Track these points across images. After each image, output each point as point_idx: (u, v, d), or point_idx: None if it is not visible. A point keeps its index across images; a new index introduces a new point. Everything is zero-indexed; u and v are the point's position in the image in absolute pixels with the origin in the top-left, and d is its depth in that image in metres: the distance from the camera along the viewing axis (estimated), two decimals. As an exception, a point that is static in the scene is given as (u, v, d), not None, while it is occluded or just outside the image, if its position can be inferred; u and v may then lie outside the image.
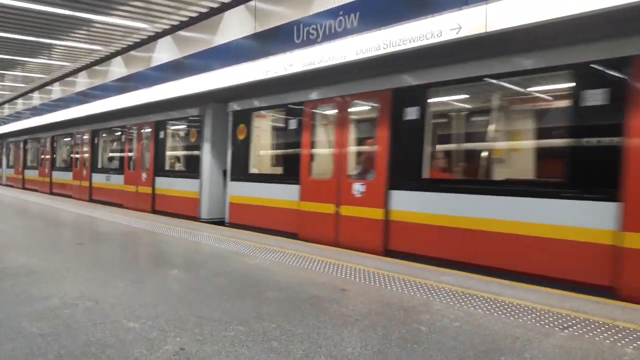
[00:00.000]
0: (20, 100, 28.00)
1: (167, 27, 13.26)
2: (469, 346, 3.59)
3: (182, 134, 12.93)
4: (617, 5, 4.62)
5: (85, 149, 17.54)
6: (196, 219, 11.19)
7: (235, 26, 11.08)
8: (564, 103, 6.01)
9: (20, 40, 15.04)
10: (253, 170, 10.14)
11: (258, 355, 3.33)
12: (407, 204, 7.04)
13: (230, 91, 9.83)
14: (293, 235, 8.67)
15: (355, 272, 5.97)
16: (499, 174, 7.17)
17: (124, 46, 15.68)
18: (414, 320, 4.15)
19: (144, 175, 13.47)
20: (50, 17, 12.64)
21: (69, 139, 19.47)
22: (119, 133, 15.49)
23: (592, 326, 4.09)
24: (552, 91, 6.92)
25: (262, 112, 10.14)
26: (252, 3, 10.66)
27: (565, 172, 5.56)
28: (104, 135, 16.81)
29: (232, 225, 10.25)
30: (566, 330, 3.97)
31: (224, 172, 10.90)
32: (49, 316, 4.03)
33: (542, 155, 6.90)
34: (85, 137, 17.62)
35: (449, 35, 5.94)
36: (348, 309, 4.43)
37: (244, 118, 10.20)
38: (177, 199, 12.00)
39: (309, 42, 7.92)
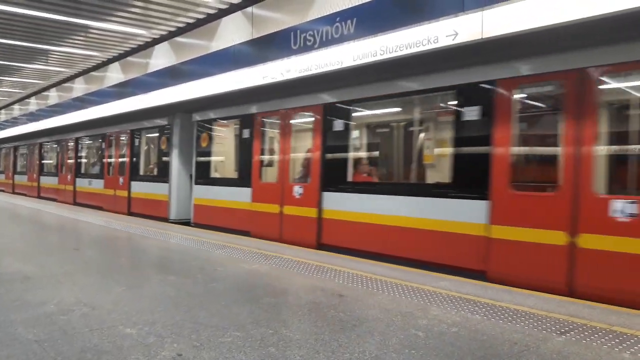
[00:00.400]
0: (16, 106, 28.05)
1: (164, 33, 13.27)
2: (467, 352, 3.59)
3: (154, 141, 13.74)
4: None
5: (69, 155, 18.75)
6: (166, 219, 12.17)
7: (232, 32, 11.11)
8: (450, 118, 7.04)
9: (15, 45, 15.04)
10: (214, 175, 11.26)
11: (255, 361, 3.33)
12: (335, 204, 8.11)
13: (193, 103, 10.94)
14: (247, 233, 9.67)
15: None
16: (408, 178, 8.82)
17: (121, 52, 15.67)
18: (411, 326, 4.15)
19: (121, 180, 14.53)
20: (46, 23, 12.63)
21: (55, 145, 20.65)
22: (100, 141, 16.53)
23: (590, 331, 4.09)
24: (441, 108, 8.02)
25: (222, 122, 11.16)
26: (249, 9, 10.69)
27: (452, 176, 6.70)
28: (86, 142, 18.03)
29: (196, 225, 11.25)
30: (563, 336, 3.97)
31: (191, 177, 11.86)
32: (45, 322, 4.01)
33: (439, 162, 8.05)
34: (70, 144, 18.76)
35: (445, 41, 5.98)
36: (346, 314, 4.43)
37: (206, 127, 11.37)
38: (149, 201, 13.05)
39: (306, 48, 7.95)
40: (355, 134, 8.68)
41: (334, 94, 8.31)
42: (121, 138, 14.87)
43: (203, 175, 11.31)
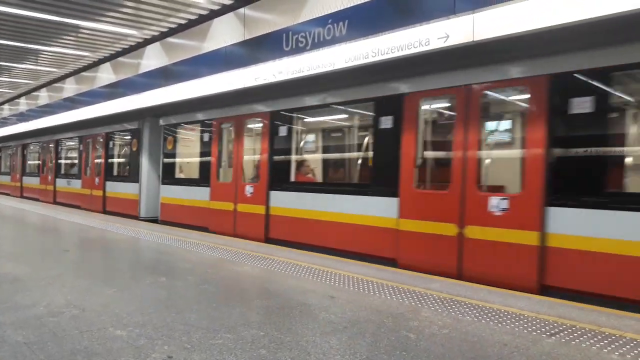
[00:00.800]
0: (5, 106, 27.86)
1: (155, 33, 13.22)
2: (457, 353, 3.60)
3: (126, 144, 14.53)
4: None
5: (50, 156, 19.65)
6: (136, 217, 13.07)
7: (224, 33, 11.09)
8: (371, 126, 7.95)
9: (4, 45, 14.92)
10: (179, 175, 12.31)
11: (247, 363, 3.33)
12: (280, 201, 8.99)
13: (161, 108, 11.87)
14: (206, 229, 10.62)
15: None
16: (339, 178, 9.89)
17: (112, 52, 15.60)
18: (402, 328, 4.16)
19: (96, 180, 15.51)
20: (37, 23, 12.55)
21: (37, 147, 21.48)
22: (77, 143, 17.43)
23: (578, 332, 4.12)
24: (364, 117, 9.05)
25: (185, 126, 12.06)
26: (241, 10, 10.68)
27: (371, 176, 7.86)
28: (65, 144, 18.97)
29: (163, 222, 12.13)
30: (553, 337, 4.00)
31: (159, 177, 12.80)
32: (34, 324, 3.98)
33: (362, 164, 8.96)
34: (50, 145, 19.63)
35: (436, 43, 6.01)
36: (337, 316, 4.43)
37: (171, 131, 12.40)
38: (122, 200, 13.99)
39: (298, 49, 7.96)
40: (297, 138, 9.51)
41: (278, 103, 9.22)
42: (97, 141, 15.76)
43: (168, 175, 12.31)
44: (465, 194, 6.27)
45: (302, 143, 9.91)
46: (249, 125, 10.30)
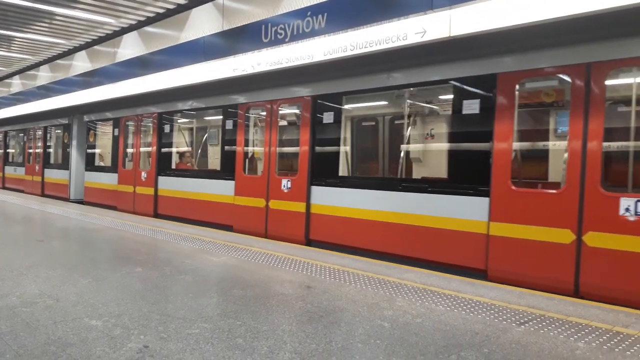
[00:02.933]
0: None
1: (133, 22, 13.00)
2: (431, 342, 3.69)
3: (60, 136, 17.07)
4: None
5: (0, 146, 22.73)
6: (67, 199, 15.57)
7: (203, 23, 10.98)
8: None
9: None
10: (99, 163, 14.74)
11: (223, 352, 3.35)
12: (165, 185, 11.38)
13: (86, 106, 14.20)
14: (115, 208, 13.04)
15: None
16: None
17: (88, 40, 15.31)
18: (377, 317, 4.24)
19: (36, 168, 18.02)
20: (8, 8, 12.23)
21: None
22: (22, 134, 20.09)
23: (547, 322, 4.25)
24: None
25: (102, 122, 14.47)
26: (220, 1, 10.58)
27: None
28: (13, 135, 21.75)
29: (87, 203, 14.57)
30: (522, 326, 4.12)
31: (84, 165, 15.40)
32: (6, 315, 3.94)
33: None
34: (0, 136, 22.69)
35: (414, 38, 6.07)
36: (313, 306, 4.48)
37: (92, 126, 14.92)
38: (56, 185, 16.50)
39: (277, 41, 7.94)
40: (176, 135, 11.91)
41: (163, 105, 11.55)
42: (38, 133, 18.31)
43: (91, 163, 14.88)
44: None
45: (183, 137, 12.83)
46: (144, 123, 12.61)
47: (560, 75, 5.73)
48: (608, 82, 5.29)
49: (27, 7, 12.01)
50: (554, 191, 5.55)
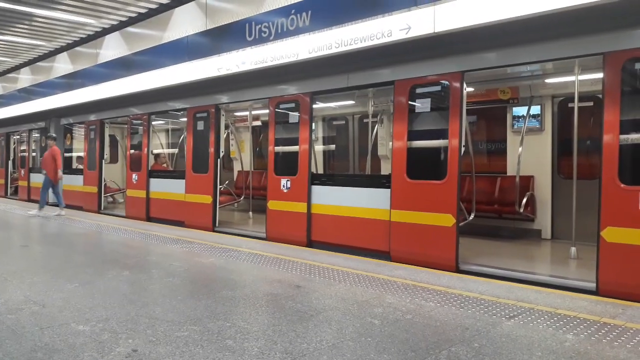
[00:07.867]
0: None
1: (114, 22, 12.86)
2: (421, 338, 3.69)
3: (38, 140, 17.61)
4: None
5: None
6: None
7: (186, 22, 10.89)
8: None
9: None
10: (75, 165, 15.45)
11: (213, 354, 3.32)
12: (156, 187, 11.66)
13: (63, 110, 14.72)
14: (81, 208, 13.91)
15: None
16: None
17: (70, 42, 15.11)
18: (367, 314, 4.23)
19: (22, 172, 18.32)
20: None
21: None
22: (2, 138, 20.34)
23: (536, 315, 4.28)
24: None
25: (79, 125, 15.01)
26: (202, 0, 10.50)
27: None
28: None
29: (66, 206, 14.11)
30: (512, 320, 4.15)
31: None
32: (-9, 322, 3.87)
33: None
34: None
35: (398, 35, 6.07)
36: (303, 305, 4.47)
37: (68, 129, 15.55)
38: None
39: (261, 40, 7.90)
40: (153, 137, 12.29)
41: (138, 108, 12.05)
42: (16, 137, 19.00)
43: (67, 166, 14.95)
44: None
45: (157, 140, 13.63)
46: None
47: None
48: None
49: (6, 9, 11.81)
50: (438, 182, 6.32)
